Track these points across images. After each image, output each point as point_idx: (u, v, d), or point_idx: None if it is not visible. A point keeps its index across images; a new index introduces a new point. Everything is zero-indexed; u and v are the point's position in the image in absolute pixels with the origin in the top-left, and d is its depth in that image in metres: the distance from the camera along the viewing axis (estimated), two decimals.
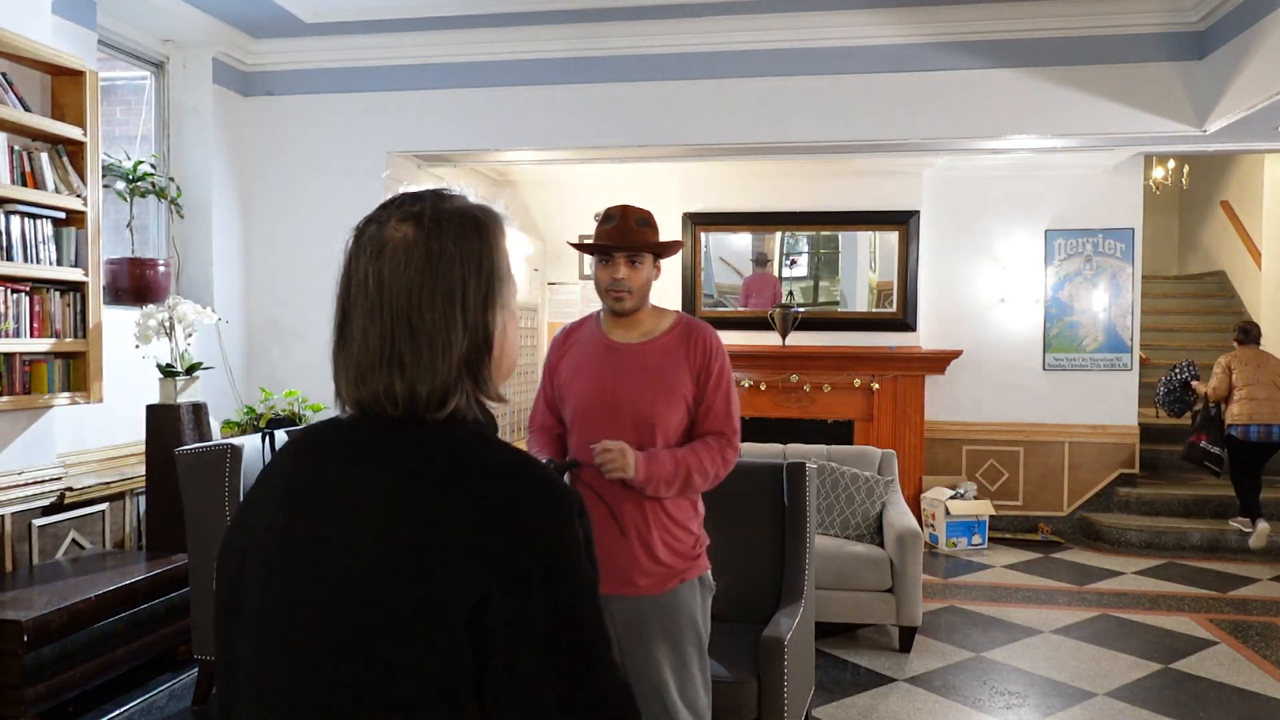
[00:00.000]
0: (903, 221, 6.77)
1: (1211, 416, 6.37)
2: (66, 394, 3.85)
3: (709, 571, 2.34)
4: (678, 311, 2.42)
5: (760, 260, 7.11)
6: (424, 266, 0.99)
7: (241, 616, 1.01)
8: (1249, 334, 6.50)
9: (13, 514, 3.78)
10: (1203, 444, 6.34)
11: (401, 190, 1.07)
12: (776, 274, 7.06)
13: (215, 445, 3.52)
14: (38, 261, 3.68)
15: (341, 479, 0.99)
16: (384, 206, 1.05)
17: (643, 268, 2.29)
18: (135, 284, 4.57)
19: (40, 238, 3.70)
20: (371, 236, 1.02)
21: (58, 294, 3.81)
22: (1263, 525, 6.16)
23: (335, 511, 0.97)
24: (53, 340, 3.77)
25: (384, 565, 0.92)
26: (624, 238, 2.26)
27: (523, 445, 2.22)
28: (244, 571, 1.02)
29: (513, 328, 1.07)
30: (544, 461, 2.07)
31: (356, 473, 0.98)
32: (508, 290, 1.05)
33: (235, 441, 3.54)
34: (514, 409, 6.46)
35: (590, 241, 2.34)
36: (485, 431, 1.03)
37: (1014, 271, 6.91)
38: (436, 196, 1.05)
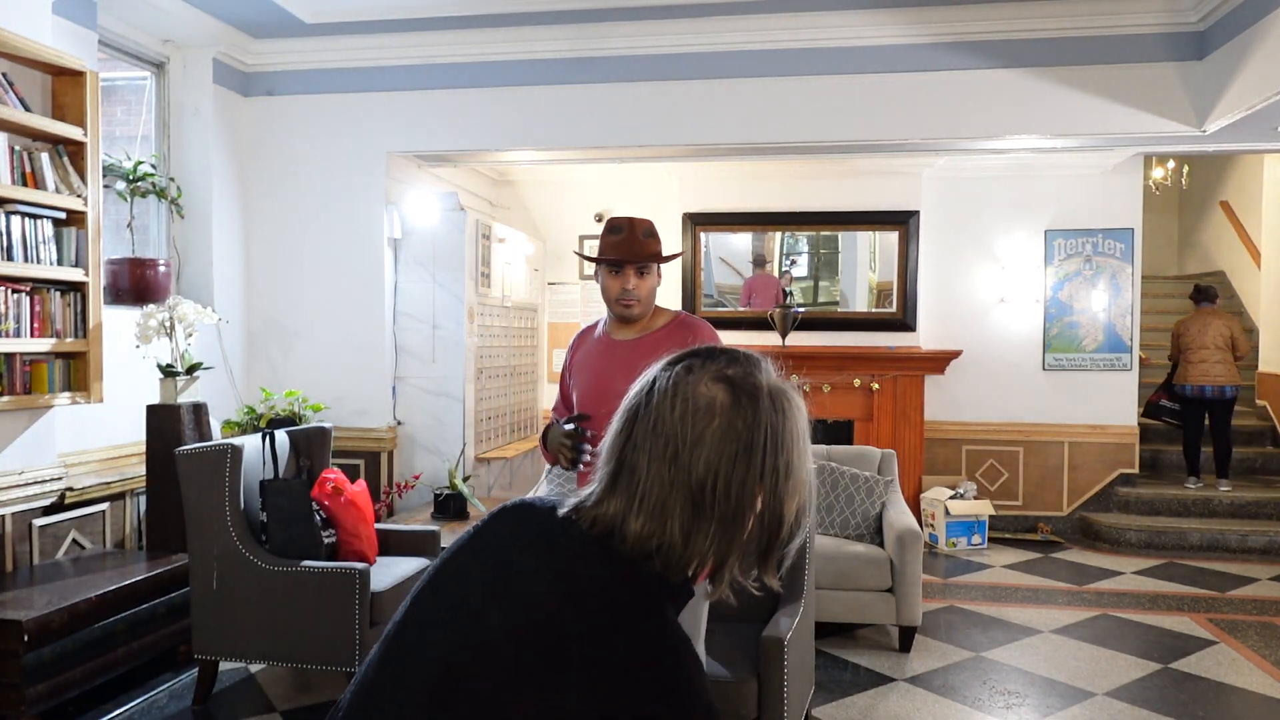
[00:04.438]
0: (902, 221, 6.77)
1: (1169, 377, 7.07)
2: (67, 394, 3.85)
3: None
4: (678, 310, 2.50)
5: (760, 261, 7.12)
6: (724, 438, 0.97)
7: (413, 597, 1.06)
8: (1204, 294, 7.01)
9: (13, 514, 3.78)
10: (1162, 402, 7.07)
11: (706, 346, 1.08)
12: (776, 275, 7.07)
13: (215, 445, 3.53)
14: (38, 261, 3.68)
15: (522, 565, 1.00)
16: (696, 354, 1.04)
17: (649, 276, 2.39)
18: (135, 284, 4.57)
19: (41, 238, 3.70)
20: (676, 382, 1.00)
21: (58, 294, 3.81)
22: (1190, 486, 6.90)
23: (495, 586, 0.99)
24: (53, 340, 3.77)
25: (485, 656, 0.94)
26: (633, 251, 2.34)
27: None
28: (436, 571, 1.06)
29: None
30: (562, 421, 2.18)
31: (532, 582, 0.98)
32: (788, 487, 1.00)
33: (235, 441, 3.55)
34: (514, 408, 6.46)
35: (597, 251, 2.43)
36: (670, 608, 1.00)
37: (1014, 271, 6.91)
38: (757, 365, 1.03)
